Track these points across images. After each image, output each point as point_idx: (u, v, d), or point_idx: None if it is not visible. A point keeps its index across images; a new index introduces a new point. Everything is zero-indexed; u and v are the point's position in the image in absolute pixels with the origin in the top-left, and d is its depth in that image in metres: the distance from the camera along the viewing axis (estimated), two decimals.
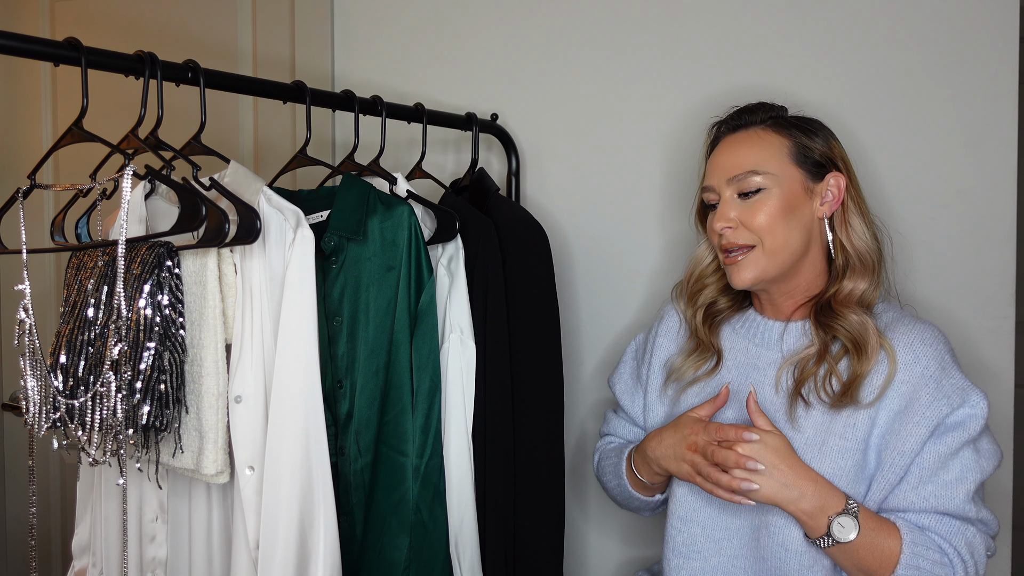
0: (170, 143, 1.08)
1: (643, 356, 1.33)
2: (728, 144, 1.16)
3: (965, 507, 1.02)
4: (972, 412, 1.03)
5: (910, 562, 1.00)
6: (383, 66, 1.76)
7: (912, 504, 1.03)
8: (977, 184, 1.35)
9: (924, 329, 1.09)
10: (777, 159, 1.12)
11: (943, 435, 1.03)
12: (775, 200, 1.10)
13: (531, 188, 1.65)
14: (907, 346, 1.07)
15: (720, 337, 1.22)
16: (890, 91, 1.39)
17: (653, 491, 1.26)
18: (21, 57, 0.91)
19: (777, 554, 1.08)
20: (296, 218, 1.07)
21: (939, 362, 1.06)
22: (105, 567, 1.20)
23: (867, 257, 1.12)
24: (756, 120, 1.16)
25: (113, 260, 1.00)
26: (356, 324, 1.20)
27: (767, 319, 1.19)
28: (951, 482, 1.02)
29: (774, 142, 1.13)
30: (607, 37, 1.58)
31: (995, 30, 1.33)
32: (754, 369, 1.17)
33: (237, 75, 1.17)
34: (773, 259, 1.10)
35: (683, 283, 1.27)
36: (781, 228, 1.10)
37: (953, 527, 1.02)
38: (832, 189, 1.12)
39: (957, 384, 1.05)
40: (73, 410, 1.00)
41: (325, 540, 1.08)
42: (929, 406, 1.03)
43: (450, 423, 1.25)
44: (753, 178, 1.11)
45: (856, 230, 1.12)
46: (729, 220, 1.11)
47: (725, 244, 1.12)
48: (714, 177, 1.15)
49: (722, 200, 1.13)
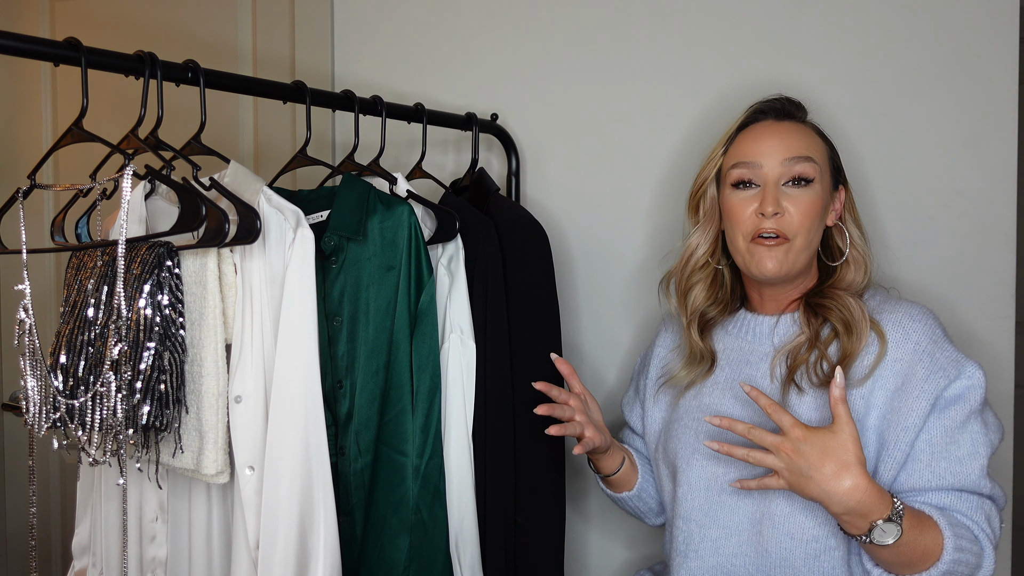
0: (170, 143, 1.08)
1: (642, 369, 1.36)
2: (777, 128, 1.14)
3: (981, 483, 1.02)
4: (970, 383, 1.03)
5: (954, 557, 0.98)
6: (383, 66, 1.76)
7: (928, 483, 1.02)
8: (977, 184, 1.35)
9: (911, 307, 1.09)
10: (822, 158, 1.13)
11: (945, 409, 1.03)
12: (817, 197, 1.10)
13: (531, 188, 1.65)
14: (896, 324, 1.07)
15: (713, 340, 1.23)
16: (890, 91, 1.39)
17: (617, 482, 1.30)
18: (21, 57, 0.90)
19: (783, 544, 1.07)
20: (296, 218, 1.07)
21: (930, 336, 1.06)
22: (105, 567, 1.20)
23: (860, 260, 1.15)
24: (802, 117, 1.17)
25: (113, 260, 1.00)
26: (356, 324, 1.20)
27: (758, 315, 1.19)
28: (964, 457, 1.02)
29: (819, 143, 1.15)
30: (607, 37, 1.58)
31: (995, 30, 1.33)
32: (747, 364, 1.17)
33: (237, 75, 1.17)
34: (799, 257, 1.11)
35: (674, 273, 1.25)
36: (815, 227, 1.11)
37: (972, 503, 1.02)
38: (838, 200, 1.16)
39: (951, 356, 1.05)
40: (73, 410, 1.00)
41: (325, 540, 1.08)
42: (926, 379, 1.03)
43: (450, 423, 1.25)
44: (809, 166, 1.10)
45: (855, 238, 1.16)
46: (780, 206, 1.09)
47: (769, 228, 1.09)
48: (764, 155, 1.11)
49: (768, 183, 1.10)
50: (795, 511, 1.06)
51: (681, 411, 1.22)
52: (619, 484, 1.31)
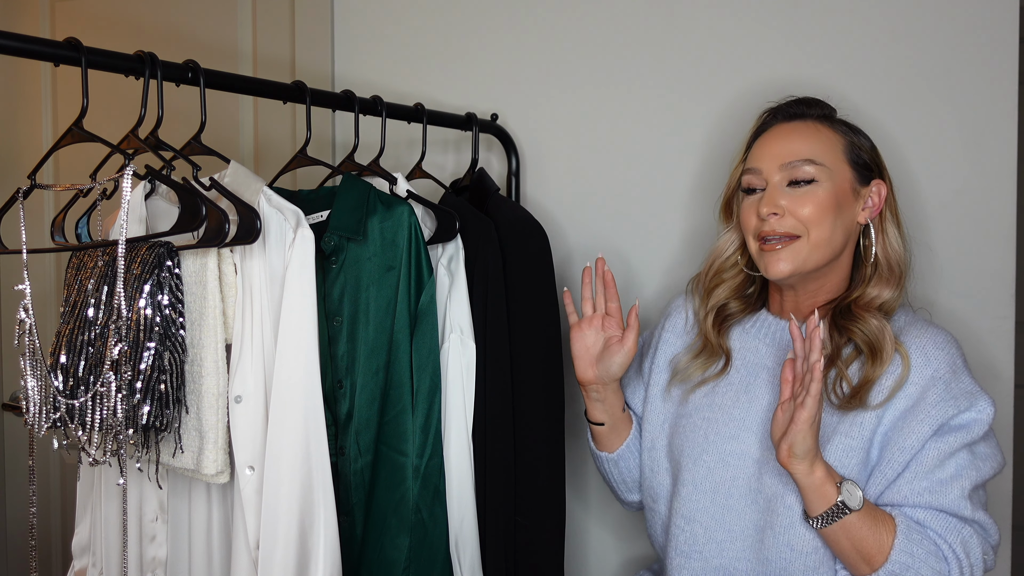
0: (170, 143, 1.08)
1: (647, 350, 1.34)
2: (782, 131, 1.15)
3: (959, 505, 1.01)
4: (978, 417, 1.03)
5: (904, 547, 0.99)
6: (383, 66, 1.76)
7: (906, 498, 1.03)
8: (977, 184, 1.35)
9: (937, 333, 1.09)
10: (832, 154, 1.12)
11: (945, 435, 1.03)
12: (826, 193, 1.10)
13: (531, 188, 1.65)
14: (919, 349, 1.07)
15: (729, 338, 1.22)
16: (890, 91, 1.39)
17: (604, 440, 1.29)
18: (21, 57, 0.90)
19: (783, 555, 1.07)
20: (296, 218, 1.07)
21: (950, 365, 1.06)
22: (105, 567, 1.20)
23: (896, 267, 1.13)
24: (812, 113, 1.16)
25: (113, 260, 1.00)
26: (356, 324, 1.20)
27: (780, 320, 1.19)
28: (946, 480, 1.02)
29: (830, 137, 1.14)
30: (607, 37, 1.58)
31: (995, 30, 1.33)
32: (763, 369, 1.17)
33: (237, 75, 1.17)
34: (815, 252, 1.10)
35: (701, 275, 1.26)
36: (828, 222, 1.09)
37: (948, 524, 1.02)
38: (874, 196, 1.14)
39: (966, 388, 1.05)
40: (73, 410, 1.00)
41: (325, 540, 1.08)
42: (935, 406, 1.03)
43: (450, 423, 1.25)
44: (807, 167, 1.10)
45: (891, 239, 1.14)
46: (777, 207, 1.10)
47: (767, 231, 1.11)
48: (765, 160, 1.13)
49: (770, 186, 1.12)
50: (795, 522, 1.06)
51: (691, 408, 1.21)
52: (603, 439, 1.29)
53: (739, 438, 1.13)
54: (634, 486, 1.32)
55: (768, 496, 1.09)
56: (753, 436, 1.13)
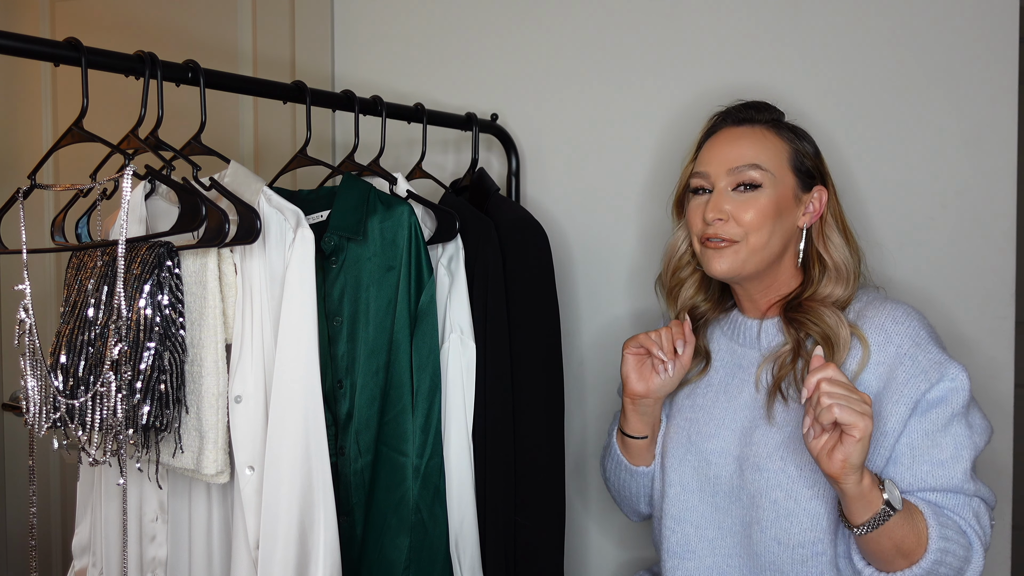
0: (170, 143, 1.08)
1: None
2: (730, 135, 1.16)
3: (965, 485, 1.02)
4: (952, 386, 1.03)
5: (940, 534, 0.98)
6: (383, 66, 1.76)
7: (910, 485, 1.02)
8: (977, 184, 1.35)
9: (894, 308, 1.09)
10: (777, 161, 1.13)
11: (926, 412, 1.03)
12: (768, 200, 1.11)
13: (531, 188, 1.65)
14: (878, 328, 1.07)
15: (708, 338, 1.23)
16: (890, 91, 1.39)
17: (642, 454, 1.23)
18: (21, 57, 0.90)
19: (771, 549, 1.08)
20: (296, 218, 1.07)
21: (913, 339, 1.05)
22: (105, 567, 1.20)
23: (843, 268, 1.13)
24: (761, 119, 1.17)
25: (113, 260, 1.00)
26: (356, 324, 1.20)
27: (747, 318, 1.20)
28: (947, 461, 1.02)
29: (776, 144, 1.14)
30: (607, 37, 1.58)
31: (995, 30, 1.33)
32: (739, 368, 1.18)
33: (237, 75, 1.17)
34: (751, 257, 1.11)
35: (661, 275, 1.28)
36: (767, 228, 1.11)
37: (959, 501, 1.02)
38: (815, 202, 1.15)
39: (934, 359, 1.04)
40: (73, 410, 1.00)
41: (325, 540, 1.08)
42: (906, 383, 1.03)
43: (450, 423, 1.25)
44: (754, 172, 1.11)
45: (835, 243, 1.14)
46: (722, 212, 1.11)
47: (711, 234, 1.12)
48: (712, 164, 1.15)
49: (716, 190, 1.13)
50: (779, 518, 1.07)
51: (674, 409, 1.22)
52: (641, 453, 1.24)
53: (719, 436, 1.14)
54: (648, 503, 1.31)
55: (751, 493, 1.09)
56: (733, 434, 1.13)
